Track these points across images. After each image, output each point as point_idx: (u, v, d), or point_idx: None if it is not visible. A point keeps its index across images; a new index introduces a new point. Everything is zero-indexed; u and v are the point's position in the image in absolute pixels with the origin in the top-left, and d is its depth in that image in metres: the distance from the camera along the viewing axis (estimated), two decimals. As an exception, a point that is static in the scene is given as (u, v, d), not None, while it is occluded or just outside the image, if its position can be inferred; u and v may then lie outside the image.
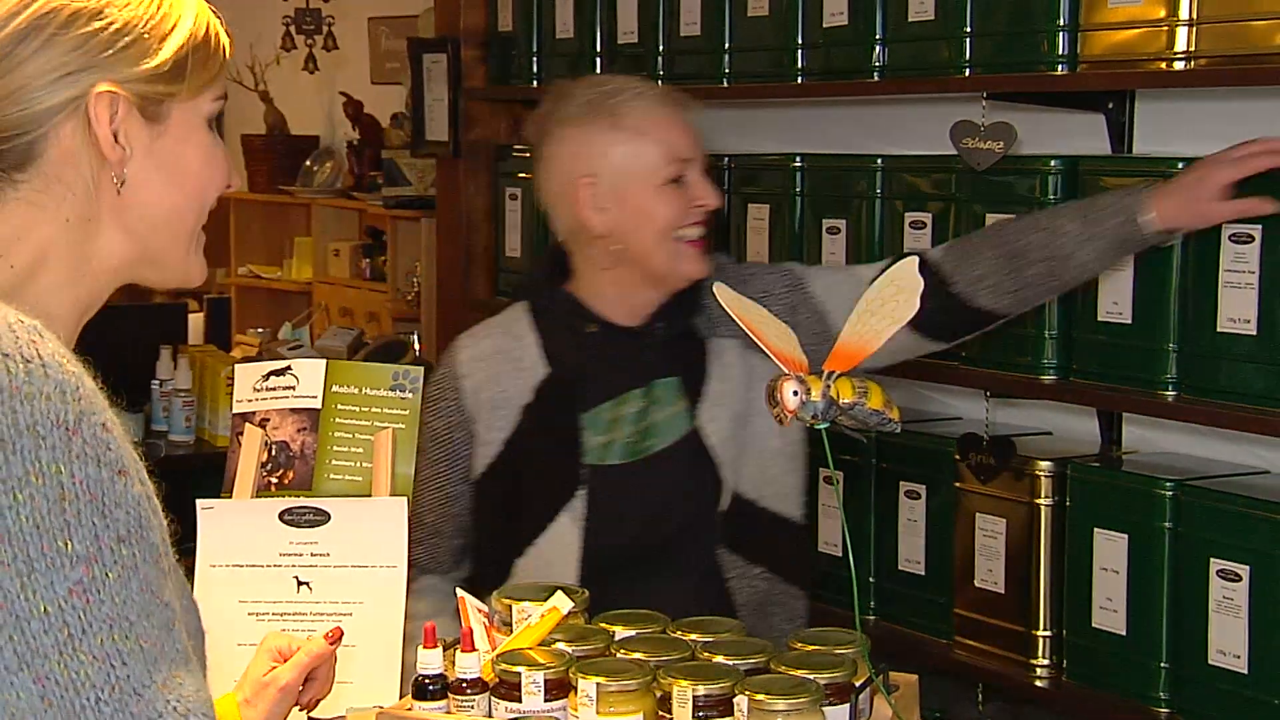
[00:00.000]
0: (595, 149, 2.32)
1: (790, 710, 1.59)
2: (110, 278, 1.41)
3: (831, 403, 1.56)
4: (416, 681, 1.76)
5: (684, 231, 2.32)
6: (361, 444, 2.10)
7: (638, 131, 2.31)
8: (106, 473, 1.17)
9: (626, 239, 2.32)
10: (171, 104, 1.39)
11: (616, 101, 2.33)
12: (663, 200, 2.30)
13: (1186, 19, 2.47)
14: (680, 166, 2.31)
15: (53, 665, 1.13)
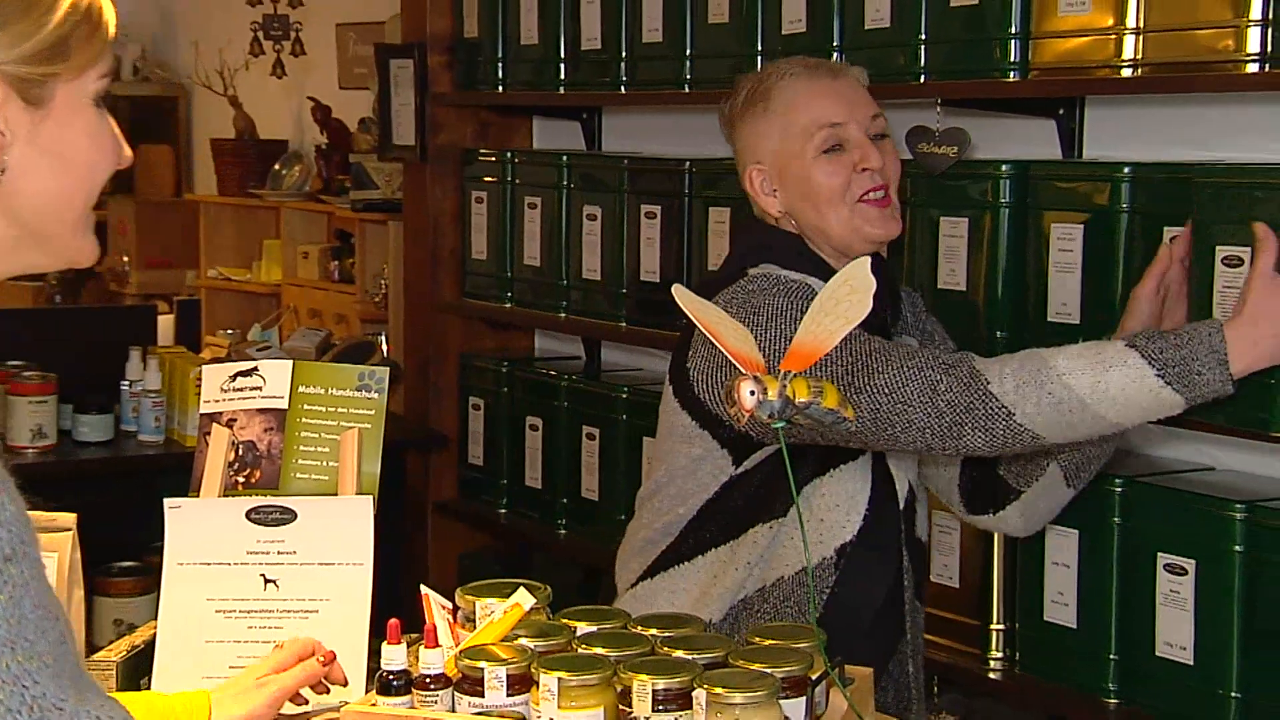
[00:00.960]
0: (756, 137, 2.33)
1: (747, 703, 1.60)
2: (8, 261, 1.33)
3: (788, 402, 1.57)
4: (381, 677, 1.76)
5: (861, 193, 2.26)
6: (328, 443, 2.09)
7: (785, 110, 2.29)
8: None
9: (801, 215, 2.30)
10: (55, 84, 1.29)
11: (765, 87, 2.32)
12: (821, 169, 2.26)
13: (1133, 28, 2.49)
14: (831, 133, 2.26)
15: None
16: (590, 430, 3.56)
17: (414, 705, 1.73)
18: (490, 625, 1.80)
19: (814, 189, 2.26)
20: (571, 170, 3.66)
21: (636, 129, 3.78)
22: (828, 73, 2.34)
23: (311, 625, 1.96)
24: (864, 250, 2.21)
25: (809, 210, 2.28)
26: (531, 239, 3.77)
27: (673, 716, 1.63)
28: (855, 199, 2.26)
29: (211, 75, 6.94)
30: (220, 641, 1.98)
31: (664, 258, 3.38)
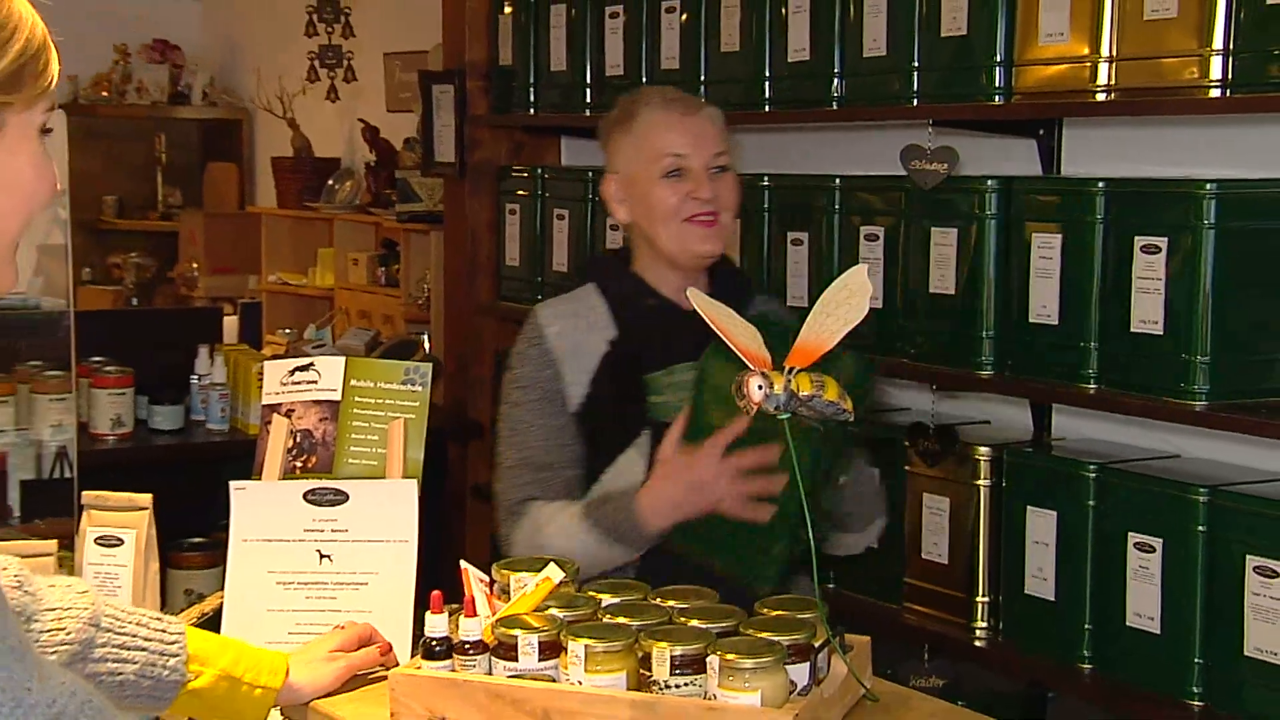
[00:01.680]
0: (617, 152, 2.43)
1: (756, 668, 1.59)
2: None
3: (792, 395, 1.57)
4: (424, 643, 1.76)
5: (684, 213, 2.34)
6: (377, 432, 2.10)
7: (642, 135, 2.38)
8: None
9: (640, 226, 2.39)
10: (7, 114, 1.23)
11: (631, 111, 2.42)
12: (660, 189, 2.34)
13: (1107, 56, 2.49)
14: (674, 161, 2.34)
15: None
16: (613, 420, 3.55)
17: (454, 669, 1.73)
18: (523, 597, 1.80)
19: (652, 205, 2.35)
20: (595, 186, 3.65)
21: (655, 148, 3.78)
22: (683, 109, 2.40)
23: (361, 596, 1.97)
24: (689, 263, 2.36)
25: (646, 223, 2.37)
26: (560, 247, 3.77)
27: (688, 680, 1.63)
28: (684, 218, 2.34)
29: (272, 100, 6.95)
30: (280, 610, 1.98)
31: (680, 264, 3.38)
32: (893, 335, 2.83)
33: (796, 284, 3.06)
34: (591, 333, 2.38)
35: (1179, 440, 2.61)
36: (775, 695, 1.60)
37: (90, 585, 1.64)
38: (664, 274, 2.39)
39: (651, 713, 1.61)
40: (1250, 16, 2.30)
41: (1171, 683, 2.36)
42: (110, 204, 7.71)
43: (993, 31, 2.66)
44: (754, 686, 1.60)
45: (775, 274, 3.11)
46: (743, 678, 1.60)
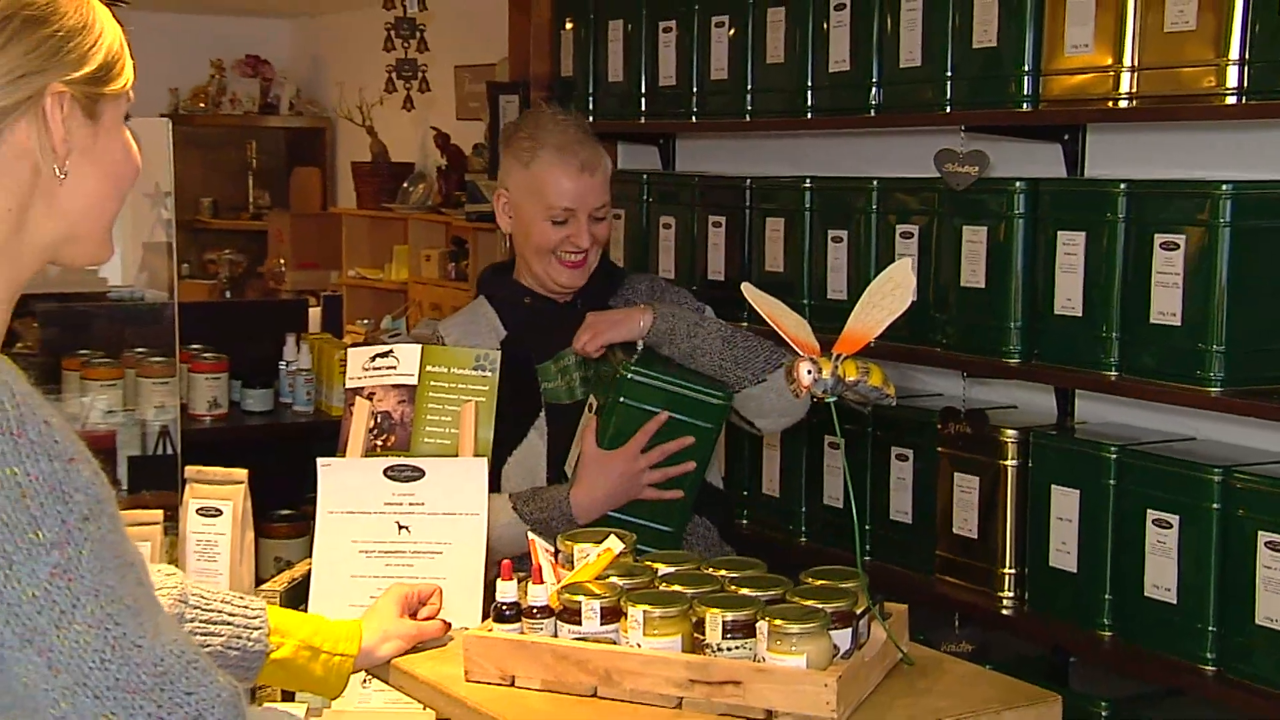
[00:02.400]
0: (511, 176, 2.47)
1: (802, 633, 1.58)
2: (38, 261, 1.29)
3: (839, 380, 1.55)
4: (495, 608, 1.75)
5: (561, 254, 2.43)
6: (450, 414, 2.10)
7: (537, 178, 2.42)
8: (58, 464, 1.10)
9: (517, 243, 2.50)
10: (104, 103, 1.27)
11: (532, 151, 2.43)
12: (543, 230, 2.42)
13: (1130, 66, 2.45)
14: (562, 212, 2.41)
15: (52, 639, 1.08)
16: (666, 404, 3.54)
17: (523, 631, 1.73)
18: (586, 566, 1.79)
19: (532, 237, 2.43)
20: (650, 187, 3.64)
21: (705, 152, 3.76)
22: (579, 167, 2.42)
23: (436, 564, 1.96)
24: (552, 289, 2.48)
25: (522, 245, 2.48)
26: (616, 245, 3.75)
27: (739, 643, 1.62)
28: (554, 255, 2.43)
29: (352, 110, 6.97)
30: (362, 576, 1.98)
31: (728, 259, 3.36)
32: (926, 326, 2.80)
33: (836, 279, 3.04)
34: (486, 336, 2.45)
35: (1194, 424, 2.57)
36: (820, 658, 1.58)
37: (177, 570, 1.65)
38: (538, 279, 2.50)
39: (705, 673, 1.60)
40: (1265, 29, 2.26)
41: (1186, 649, 2.33)
42: (206, 205, 7.77)
43: (1021, 43, 2.63)
44: (800, 650, 1.58)
45: (816, 269, 3.09)
46: (790, 641, 1.58)
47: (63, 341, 3.88)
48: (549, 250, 2.43)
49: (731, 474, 3.32)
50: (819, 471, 3.09)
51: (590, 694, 1.65)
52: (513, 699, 1.65)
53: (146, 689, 1.11)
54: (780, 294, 1.61)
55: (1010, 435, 2.63)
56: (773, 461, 3.20)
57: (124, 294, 3.89)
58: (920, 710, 1.60)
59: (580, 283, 2.47)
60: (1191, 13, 2.34)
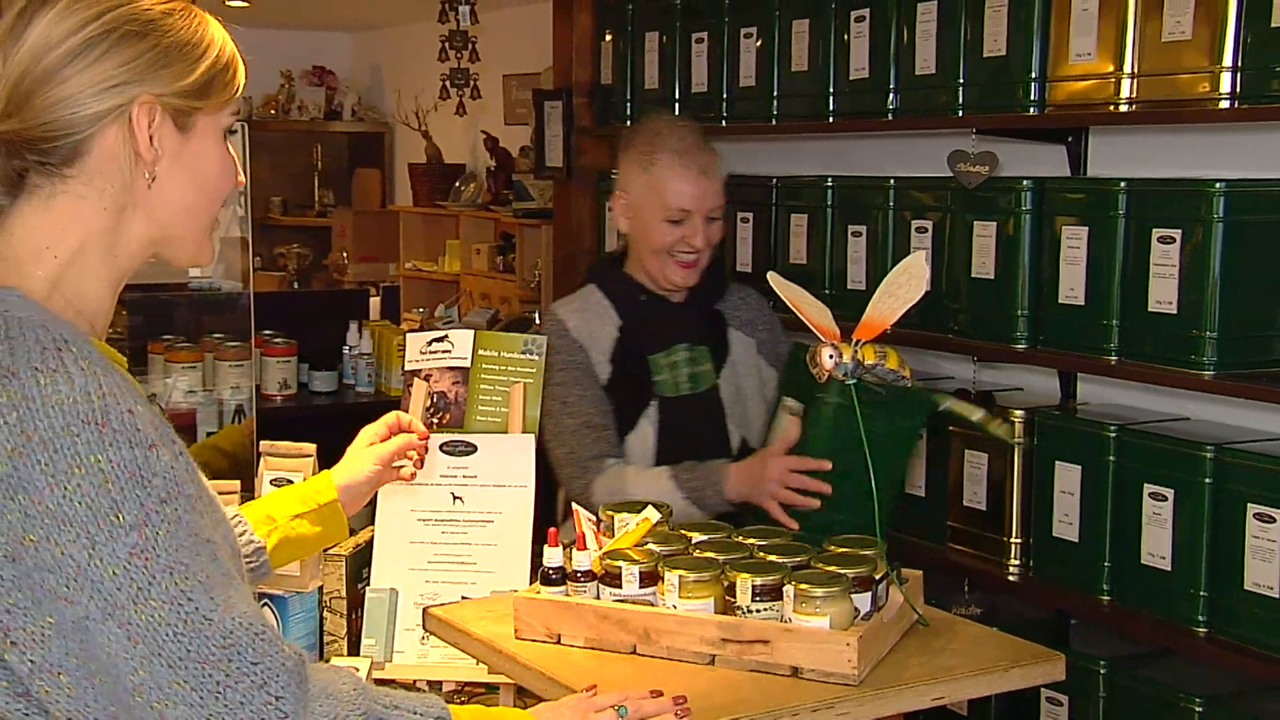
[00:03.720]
0: (631, 180, 2.43)
1: (826, 596, 1.58)
2: (136, 258, 1.28)
3: (858, 364, 1.54)
4: (543, 572, 1.76)
5: (676, 254, 2.39)
6: (500, 394, 2.09)
7: (657, 181, 2.38)
8: (139, 451, 1.11)
9: (633, 243, 2.44)
10: (198, 116, 1.27)
11: (652, 154, 2.40)
12: (661, 230, 2.38)
13: (1130, 72, 2.43)
14: (680, 214, 2.37)
15: (131, 613, 1.09)
16: (697, 385, 3.54)
17: (568, 594, 1.73)
18: (626, 534, 1.79)
19: (649, 237, 2.39)
20: (684, 186, 3.63)
21: (735, 153, 3.75)
22: (698, 170, 2.38)
23: (488, 532, 1.97)
24: (666, 287, 2.43)
25: (639, 245, 2.43)
26: (653, 239, 3.75)
27: (767, 605, 1.62)
28: (670, 254, 2.39)
29: (409, 115, 6.98)
30: (420, 543, 1.99)
31: (755, 252, 3.35)
32: (939, 314, 2.79)
33: (855, 270, 3.03)
34: (602, 322, 2.43)
35: (1189, 405, 2.55)
36: (842, 619, 1.58)
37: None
38: (651, 278, 2.47)
39: (735, 633, 1.60)
40: (1256, 38, 2.24)
41: (1180, 612, 2.31)
42: (276, 204, 7.80)
43: (1028, 51, 2.60)
44: (824, 612, 1.58)
45: (837, 262, 3.07)
46: (814, 604, 1.58)
47: (148, 328, 3.92)
48: (665, 250, 2.40)
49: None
50: (839, 448, 3.08)
51: (630, 651, 1.66)
52: (559, 655, 1.66)
53: (215, 659, 1.12)
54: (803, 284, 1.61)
55: (1017, 415, 2.61)
56: (796, 439, 3.20)
57: (203, 284, 3.92)
58: (934, 668, 1.60)
59: (692, 282, 2.43)
60: (1187, 23, 2.32)
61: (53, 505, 1.08)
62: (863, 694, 1.53)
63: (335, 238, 7.49)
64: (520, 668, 1.66)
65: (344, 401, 4.42)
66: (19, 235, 1.23)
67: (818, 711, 1.49)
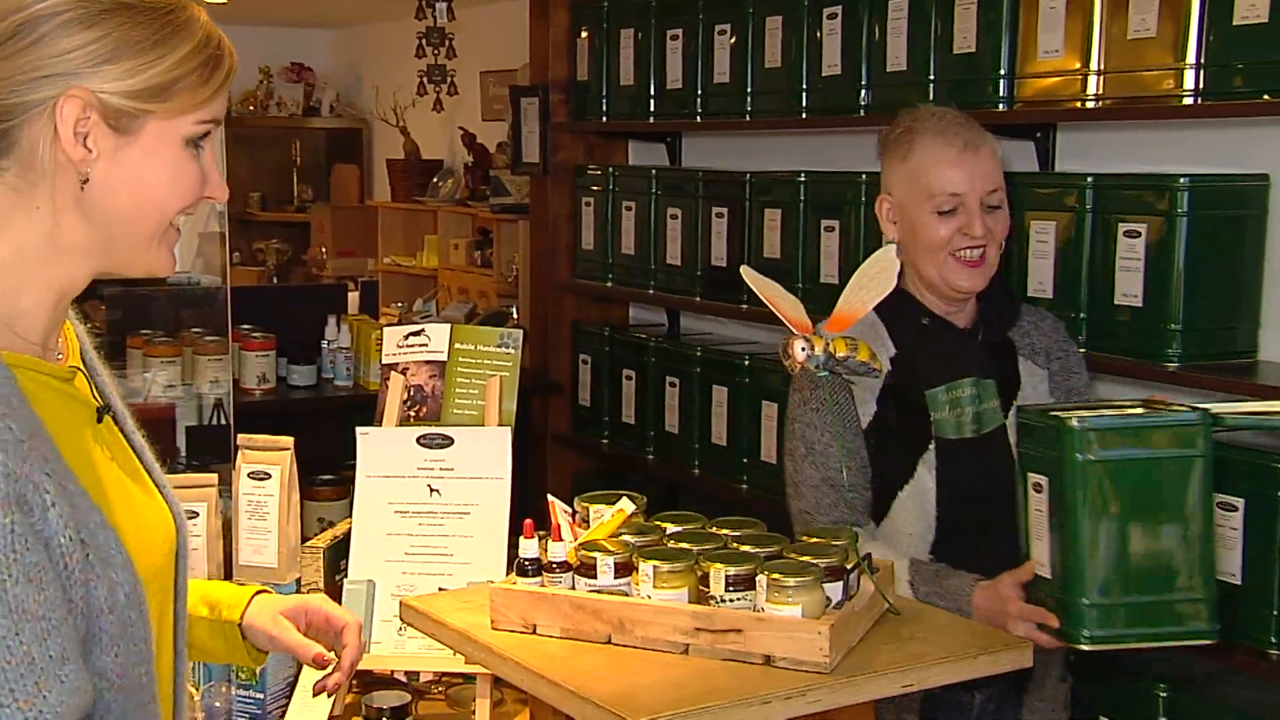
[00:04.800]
0: (892, 175, 2.05)
1: (798, 586, 1.57)
2: (81, 263, 1.15)
3: (830, 356, 1.54)
4: (518, 563, 1.75)
5: (956, 252, 1.99)
6: (477, 387, 2.09)
7: (918, 168, 1.99)
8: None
9: (906, 250, 2.02)
10: (146, 119, 1.13)
11: (910, 139, 2.02)
12: (931, 225, 1.98)
13: (1096, 69, 2.44)
14: (951, 200, 1.97)
15: None
16: (671, 380, 3.54)
17: (544, 584, 1.72)
18: (601, 525, 1.78)
19: (922, 236, 1.99)
20: (658, 181, 3.63)
21: (709, 149, 3.75)
22: (963, 146, 1.99)
23: (464, 524, 1.96)
24: (950, 295, 2.02)
25: (913, 250, 2.02)
26: (627, 234, 3.75)
27: (740, 595, 1.61)
28: (950, 253, 1.99)
29: (387, 111, 6.96)
30: (398, 534, 1.98)
31: (729, 247, 3.35)
32: (910, 307, 2.79)
33: (828, 264, 3.03)
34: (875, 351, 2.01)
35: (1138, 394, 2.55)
36: (814, 608, 1.58)
37: None
38: (930, 296, 2.05)
39: (709, 622, 1.60)
40: (1218, 37, 2.25)
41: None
42: (255, 199, 7.76)
43: (997, 49, 2.61)
44: (796, 601, 1.58)
45: (810, 256, 3.08)
46: (786, 594, 1.58)
47: (127, 323, 3.89)
48: (941, 248, 1.98)
49: (731, 442, 3.32)
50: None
51: (605, 641, 1.65)
52: (534, 645, 1.65)
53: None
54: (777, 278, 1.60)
55: (986, 407, 2.62)
56: (770, 432, 3.20)
57: (181, 279, 3.91)
58: (904, 655, 1.60)
59: (980, 285, 2.00)
60: (1152, 21, 2.33)
61: None
62: (834, 681, 1.52)
63: (314, 233, 7.46)
64: (496, 658, 1.65)
65: (322, 395, 4.40)
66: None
67: (790, 699, 1.49)
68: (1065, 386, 2.10)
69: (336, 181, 7.80)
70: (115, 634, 1.09)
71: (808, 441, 2.01)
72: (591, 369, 3.91)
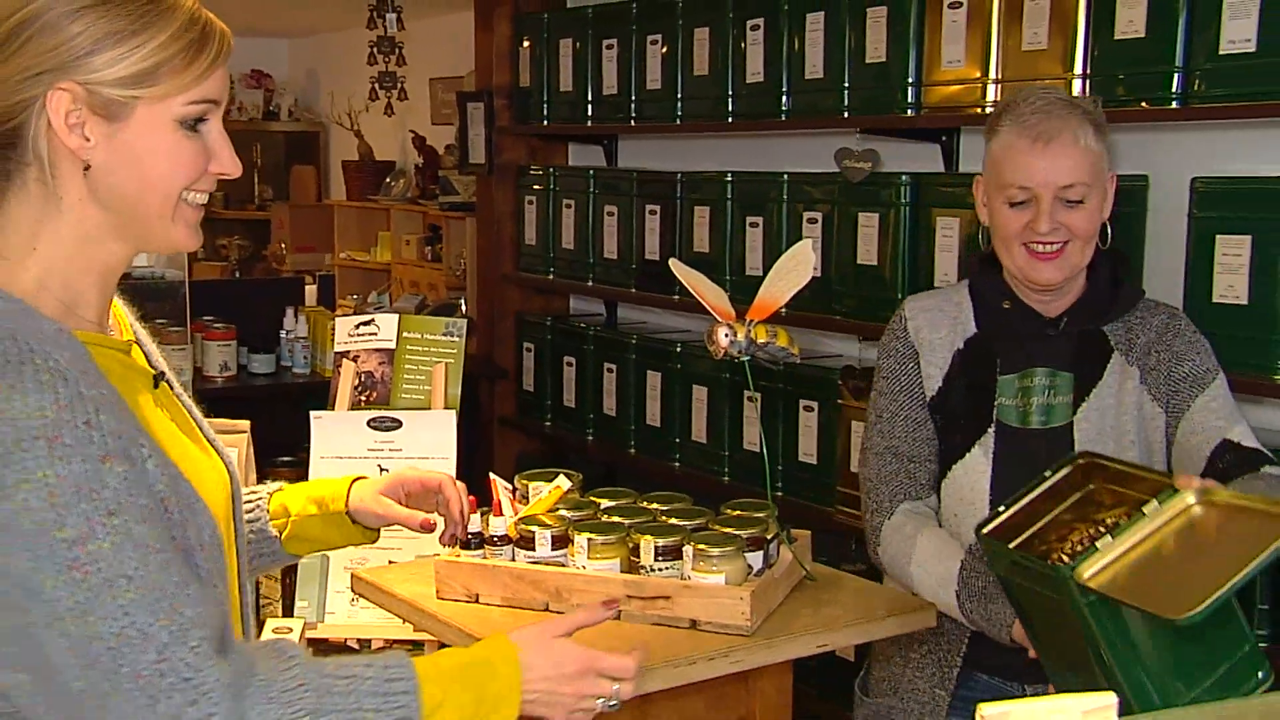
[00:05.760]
0: (986, 159, 1.83)
1: (722, 555, 1.58)
2: (112, 244, 1.17)
3: (751, 342, 1.54)
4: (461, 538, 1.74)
5: (1029, 244, 1.77)
6: (424, 373, 2.08)
7: (996, 157, 1.79)
8: (90, 465, 1.03)
9: (993, 236, 1.84)
10: (135, 105, 1.12)
11: (996, 127, 1.80)
12: (1004, 214, 1.78)
13: (994, 78, 2.47)
14: (1022, 193, 1.76)
15: (69, 625, 1.02)
16: (609, 365, 3.54)
17: (486, 557, 1.72)
18: (539, 501, 1.78)
19: (998, 225, 1.80)
20: (596, 181, 3.62)
21: (643, 151, 3.74)
22: (1036, 137, 1.75)
23: (414, 501, 1.95)
24: (1029, 284, 1.81)
25: (994, 236, 1.84)
26: (567, 229, 3.74)
27: (669, 564, 1.62)
28: (1024, 244, 1.77)
29: (342, 116, 6.88)
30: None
31: (662, 241, 3.35)
32: (828, 297, 2.81)
33: (753, 257, 3.04)
34: (951, 329, 1.87)
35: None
36: (736, 576, 1.59)
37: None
38: (1017, 283, 1.84)
39: (639, 590, 1.60)
40: (1103, 48, 2.29)
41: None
42: (218, 198, 7.66)
43: (905, 59, 2.63)
44: (720, 569, 1.58)
45: (736, 250, 3.08)
46: (711, 562, 1.58)
47: (92, 314, 3.81)
48: (1014, 238, 1.77)
49: (664, 423, 3.32)
50: (739, 421, 3.10)
51: (543, 609, 1.65)
52: (477, 613, 1.64)
53: (149, 674, 1.03)
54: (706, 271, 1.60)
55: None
56: (700, 413, 3.21)
57: (145, 273, 3.84)
58: (821, 618, 1.61)
59: (1058, 279, 1.77)
60: (1044, 35, 2.36)
61: (1, 518, 1.01)
62: (755, 643, 1.53)
63: (274, 230, 7.36)
64: (441, 625, 1.64)
65: (281, 382, 4.35)
66: (7, 229, 1.15)
67: (714, 660, 1.50)
68: (1165, 386, 1.81)
69: (295, 181, 7.70)
70: (209, 570, 1.14)
71: (877, 409, 1.89)
72: (535, 356, 3.90)
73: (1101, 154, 1.77)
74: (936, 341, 1.87)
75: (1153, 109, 2.23)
